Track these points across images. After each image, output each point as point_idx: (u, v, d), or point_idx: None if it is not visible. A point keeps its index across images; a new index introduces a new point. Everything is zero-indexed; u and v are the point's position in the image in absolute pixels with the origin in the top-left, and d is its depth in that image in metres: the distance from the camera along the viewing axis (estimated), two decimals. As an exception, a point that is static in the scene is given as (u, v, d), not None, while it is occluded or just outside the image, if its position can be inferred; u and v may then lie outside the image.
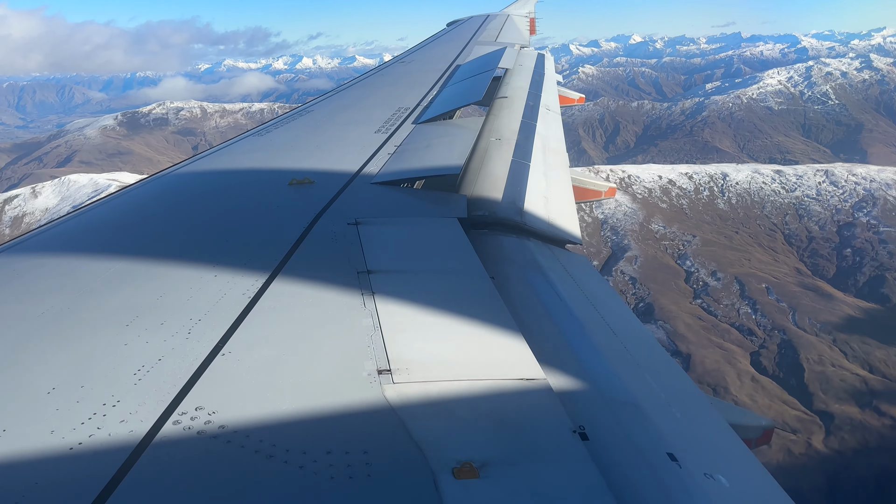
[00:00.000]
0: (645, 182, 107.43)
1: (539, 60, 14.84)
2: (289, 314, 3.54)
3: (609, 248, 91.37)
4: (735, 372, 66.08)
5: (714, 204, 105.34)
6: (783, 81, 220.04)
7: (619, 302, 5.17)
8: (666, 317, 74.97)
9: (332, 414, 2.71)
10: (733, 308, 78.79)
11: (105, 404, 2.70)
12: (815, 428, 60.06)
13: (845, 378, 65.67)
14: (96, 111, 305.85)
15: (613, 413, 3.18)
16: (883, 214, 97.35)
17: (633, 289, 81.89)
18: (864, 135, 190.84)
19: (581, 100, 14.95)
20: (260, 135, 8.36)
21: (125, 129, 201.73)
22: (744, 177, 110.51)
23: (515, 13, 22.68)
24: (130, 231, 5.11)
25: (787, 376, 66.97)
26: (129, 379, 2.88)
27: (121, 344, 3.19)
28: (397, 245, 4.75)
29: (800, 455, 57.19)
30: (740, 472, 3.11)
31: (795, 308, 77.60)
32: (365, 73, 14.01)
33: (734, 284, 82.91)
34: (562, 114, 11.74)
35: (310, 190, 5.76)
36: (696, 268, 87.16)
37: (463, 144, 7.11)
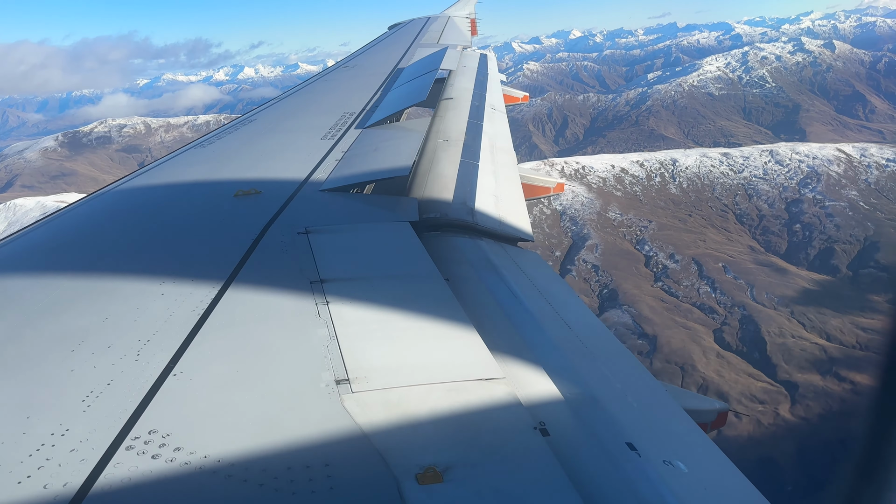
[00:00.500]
0: (598, 172, 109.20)
1: (482, 60, 15.04)
2: (241, 329, 3.48)
3: (570, 238, 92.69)
4: (700, 350, 67.73)
5: (666, 189, 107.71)
6: (721, 68, 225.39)
7: (573, 295, 5.27)
8: (630, 301, 76.46)
9: (291, 429, 2.66)
10: (693, 288, 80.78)
11: (53, 434, 2.59)
12: (780, 398, 61.97)
13: (805, 348, 67.96)
14: (34, 133, 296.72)
15: (572, 407, 3.21)
16: (827, 189, 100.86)
17: (597, 276, 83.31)
18: (802, 115, 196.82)
19: (525, 98, 15.10)
20: (202, 146, 8.18)
21: (67, 150, 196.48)
22: (692, 161, 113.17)
23: (456, 14, 22.89)
24: (71, 252, 4.94)
25: (751, 350, 68.94)
26: (77, 406, 2.78)
27: (66, 370, 3.07)
28: (350, 252, 4.71)
29: (769, 425, 58.99)
30: (698, 456, 3.17)
31: (752, 284, 80.00)
32: (308, 79, 14.00)
33: (692, 265, 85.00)
34: (510, 110, 12.14)
35: (257, 200, 5.66)
36: (655, 252, 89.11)
37: (410, 146, 7.17)
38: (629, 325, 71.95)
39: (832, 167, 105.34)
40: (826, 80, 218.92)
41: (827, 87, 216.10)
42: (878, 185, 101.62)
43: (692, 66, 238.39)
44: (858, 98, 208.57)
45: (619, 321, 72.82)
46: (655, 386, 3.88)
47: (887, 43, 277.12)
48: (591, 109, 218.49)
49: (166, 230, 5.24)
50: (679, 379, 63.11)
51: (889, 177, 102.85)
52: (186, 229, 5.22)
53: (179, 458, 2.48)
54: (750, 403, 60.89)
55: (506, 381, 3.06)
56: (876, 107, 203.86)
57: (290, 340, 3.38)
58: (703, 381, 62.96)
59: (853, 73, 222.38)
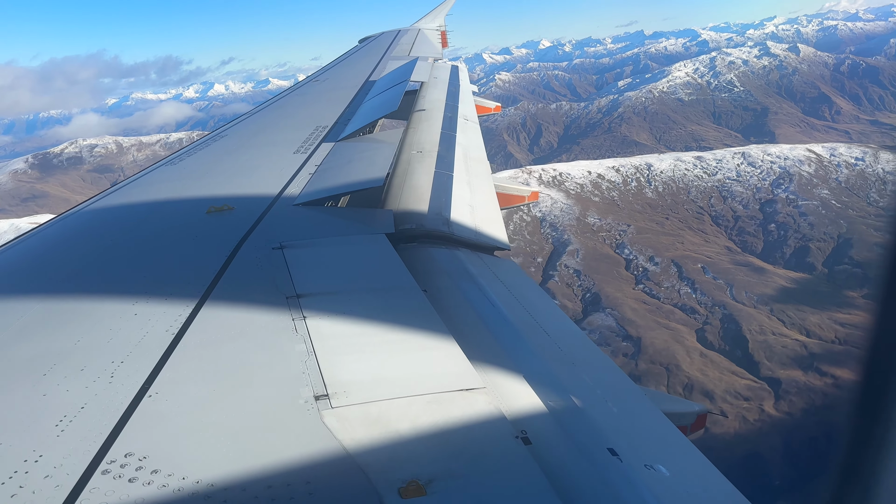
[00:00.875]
0: (576, 178, 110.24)
1: (454, 72, 15.09)
2: (217, 347, 3.44)
3: (550, 244, 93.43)
4: (684, 350, 68.52)
5: (643, 193, 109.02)
6: (690, 73, 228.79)
7: (550, 303, 5.31)
8: (613, 304, 77.21)
9: (271, 447, 2.64)
10: (674, 289, 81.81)
11: (26, 461, 2.53)
12: (764, 394, 62.89)
13: (786, 345, 69.07)
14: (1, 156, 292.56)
15: (554, 414, 3.19)
16: (800, 189, 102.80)
17: (579, 280, 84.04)
18: (771, 117, 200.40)
19: (497, 108, 15.10)
20: (173, 164, 8.10)
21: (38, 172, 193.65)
22: (667, 165, 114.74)
23: (426, 27, 22.90)
24: (41, 274, 4.89)
25: (733, 348, 69.93)
26: (50, 431, 2.72)
27: (39, 395, 3.02)
28: (326, 266, 4.68)
29: (755, 421, 59.84)
30: (678, 459, 3.18)
31: (732, 284, 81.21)
32: (279, 94, 13.93)
33: (672, 267, 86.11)
34: (484, 120, 12.33)
35: (229, 217, 5.60)
36: (635, 255, 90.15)
37: (384, 157, 7.13)
38: (613, 327, 72.67)
39: (803, 167, 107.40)
40: (792, 82, 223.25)
41: (793, 90, 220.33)
42: (849, 183, 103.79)
43: (661, 72, 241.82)
44: (824, 100, 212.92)
45: (603, 324, 73.55)
46: (635, 391, 3.91)
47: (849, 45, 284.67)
48: (564, 117, 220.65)
49: (138, 249, 5.17)
50: (665, 379, 63.91)
51: (858, 175, 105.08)
52: (158, 248, 5.16)
53: (157, 480, 2.45)
54: (735, 401, 61.78)
55: (486, 391, 3.06)
56: (841, 108, 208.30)
57: (267, 357, 3.34)
58: (689, 381, 63.75)
59: (818, 76, 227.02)
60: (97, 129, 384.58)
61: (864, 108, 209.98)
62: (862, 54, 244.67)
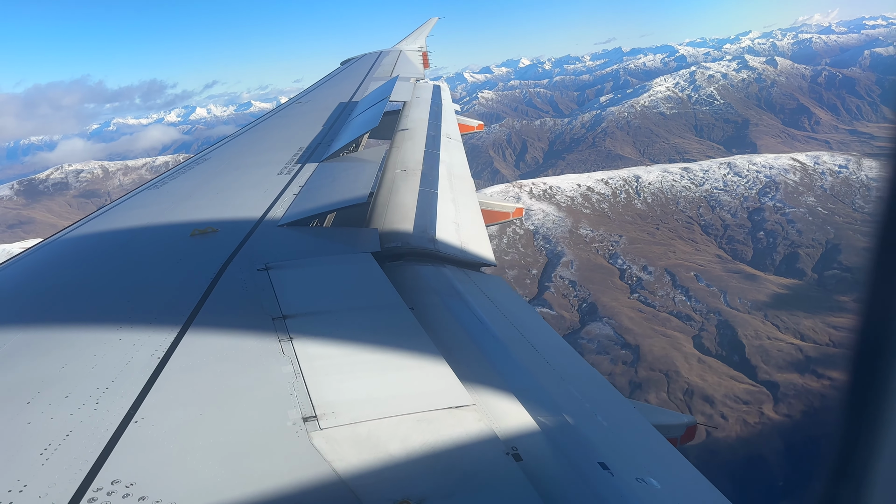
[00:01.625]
0: (566, 191, 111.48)
1: (435, 92, 15.20)
2: (203, 371, 3.42)
3: (545, 256, 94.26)
4: (682, 356, 69.29)
5: (632, 205, 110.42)
6: (671, 87, 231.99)
7: (537, 318, 5.28)
8: (609, 313, 77.98)
9: (259, 471, 2.62)
10: (669, 297, 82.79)
11: (10, 491, 2.50)
12: (763, 397, 63.68)
13: (782, 348, 70.07)
14: None
15: (544, 430, 3.18)
16: (786, 197, 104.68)
17: (574, 291, 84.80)
18: (752, 129, 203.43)
19: (480, 126, 15.04)
20: (156, 187, 8.03)
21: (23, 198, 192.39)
22: (655, 177, 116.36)
23: (408, 48, 23.15)
24: (25, 300, 4.84)
25: (730, 353, 70.82)
26: (35, 460, 2.69)
27: (23, 423, 2.98)
28: (312, 286, 4.65)
29: (755, 424, 60.55)
30: (669, 471, 3.20)
31: (725, 290, 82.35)
32: (262, 116, 13.91)
33: (665, 276, 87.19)
34: (470, 137, 12.74)
35: (214, 239, 5.58)
36: (628, 265, 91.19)
37: (367, 174, 7.19)
38: (611, 336, 73.37)
39: (788, 176, 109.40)
40: (771, 94, 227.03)
41: (773, 102, 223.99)
42: (834, 190, 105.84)
43: (642, 87, 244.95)
44: (803, 111, 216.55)
45: (601, 333, 74.24)
46: (625, 404, 3.92)
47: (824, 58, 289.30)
48: (549, 133, 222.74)
49: (121, 274, 5.12)
50: (665, 385, 64.59)
51: (843, 182, 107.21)
52: (143, 272, 5.11)
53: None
54: (734, 405, 62.53)
55: (476, 408, 3.06)
56: (820, 118, 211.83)
57: (254, 379, 3.33)
58: (689, 386, 64.45)
59: (796, 87, 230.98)
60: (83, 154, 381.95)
61: (843, 118, 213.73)
62: (837, 66, 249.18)
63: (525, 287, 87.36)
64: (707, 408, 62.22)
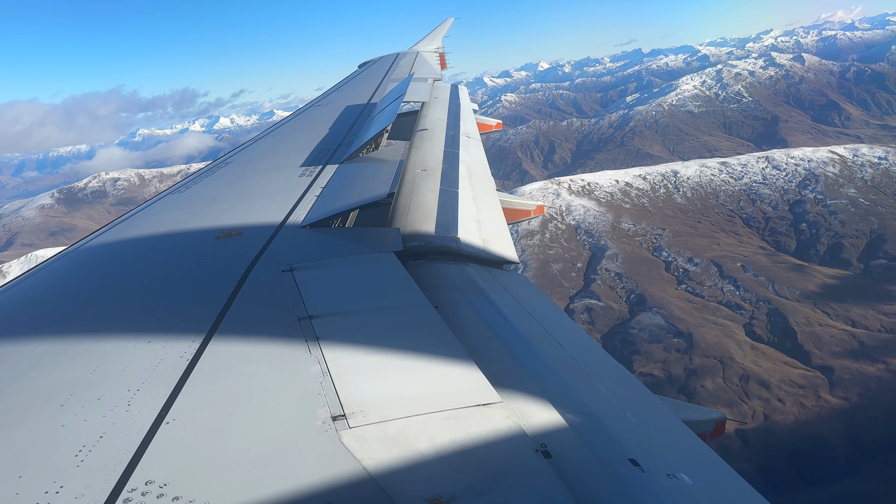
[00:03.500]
0: (604, 187, 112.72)
1: (454, 91, 15.15)
2: (231, 372, 3.46)
3: (588, 249, 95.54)
4: (735, 343, 70.19)
5: (672, 199, 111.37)
6: (697, 86, 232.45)
7: (562, 315, 5.26)
8: (659, 304, 79.01)
9: (290, 469, 2.65)
10: (717, 287, 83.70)
11: (47, 492, 2.55)
12: (819, 381, 64.48)
13: (834, 335, 70.81)
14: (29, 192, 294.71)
15: (572, 427, 3.17)
16: (826, 188, 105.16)
17: (621, 283, 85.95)
18: (782, 125, 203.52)
19: (499, 125, 14.99)
20: (180, 192, 8.07)
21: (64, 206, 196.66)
22: (693, 172, 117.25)
23: (425, 49, 22.99)
24: (54, 305, 4.88)
25: (782, 340, 71.66)
26: (70, 462, 2.73)
27: (57, 426, 3.02)
28: (336, 286, 4.68)
29: (812, 407, 61.35)
30: (700, 467, 3.18)
31: (773, 280, 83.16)
32: (281, 120, 13.87)
33: (712, 267, 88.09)
34: (497, 139, 13.75)
35: (238, 241, 5.61)
36: (673, 257, 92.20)
37: (387, 172, 7.17)
38: (662, 325, 74.37)
39: (828, 168, 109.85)
40: (800, 91, 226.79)
41: (801, 98, 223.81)
42: (875, 181, 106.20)
43: (669, 86, 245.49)
44: (833, 106, 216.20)
45: (651, 322, 75.28)
46: (653, 400, 3.91)
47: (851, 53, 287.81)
48: (576, 134, 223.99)
49: (149, 277, 5.17)
50: (720, 372, 65.52)
51: (883, 174, 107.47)
52: (169, 275, 5.17)
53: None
54: (791, 389, 63.36)
55: (504, 406, 3.07)
56: (851, 114, 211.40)
57: (282, 379, 3.36)
58: (744, 372, 65.31)
59: (825, 83, 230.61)
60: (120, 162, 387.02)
61: (874, 112, 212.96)
62: (865, 61, 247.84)
63: (571, 280, 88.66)
64: (764, 392, 63.11)
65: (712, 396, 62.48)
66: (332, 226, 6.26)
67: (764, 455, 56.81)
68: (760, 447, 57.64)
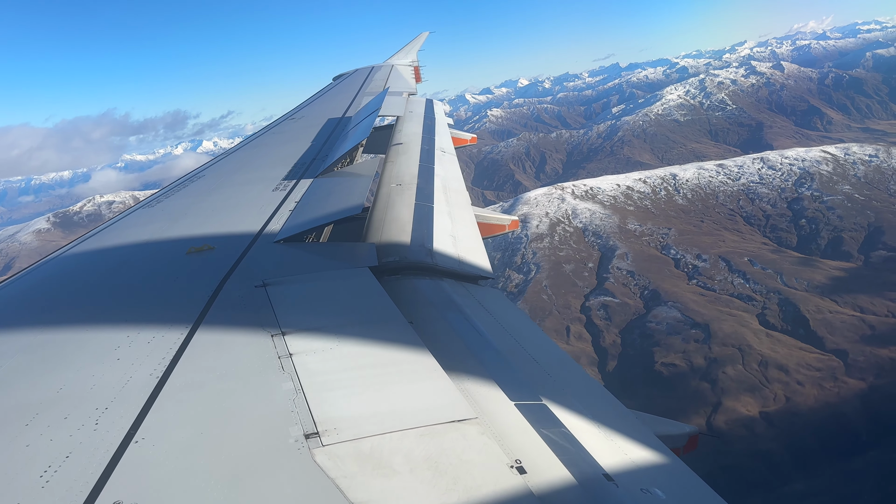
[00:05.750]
0: (606, 191, 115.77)
1: (428, 106, 15.02)
2: (202, 390, 3.40)
3: (598, 250, 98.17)
4: (751, 332, 72.75)
5: (673, 201, 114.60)
6: (682, 95, 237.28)
7: (537, 330, 5.27)
8: (673, 298, 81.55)
9: (262, 490, 2.62)
10: (727, 281, 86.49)
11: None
12: (835, 364, 67.18)
13: (845, 321, 73.66)
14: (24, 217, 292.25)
15: (547, 442, 3.17)
16: (822, 186, 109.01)
17: (634, 280, 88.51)
18: (766, 131, 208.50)
19: (473, 140, 14.77)
20: (150, 206, 7.93)
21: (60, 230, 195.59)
22: (691, 175, 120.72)
23: (399, 63, 22.88)
24: (19, 321, 4.77)
25: (795, 328, 74.37)
26: (35, 482, 2.67)
27: (22, 446, 2.96)
28: (310, 302, 4.61)
29: (831, 388, 63.94)
30: (674, 482, 3.22)
31: (781, 272, 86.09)
32: (254, 134, 13.77)
33: (720, 262, 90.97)
34: (489, 151, 14.56)
35: (210, 256, 5.55)
36: (682, 254, 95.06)
37: (362, 186, 7.14)
38: (679, 318, 76.80)
39: (821, 167, 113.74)
40: (782, 97, 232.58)
41: (784, 104, 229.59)
42: (867, 178, 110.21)
43: (654, 96, 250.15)
44: (815, 112, 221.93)
45: (668, 316, 77.69)
46: (627, 414, 3.90)
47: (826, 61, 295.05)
48: (566, 144, 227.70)
49: (117, 294, 5.07)
50: (739, 358, 67.94)
51: (875, 170, 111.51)
52: (139, 291, 5.07)
53: None
54: (808, 372, 65.93)
55: (479, 422, 3.06)
56: (832, 118, 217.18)
57: (254, 397, 3.31)
58: (762, 358, 67.78)
59: (805, 90, 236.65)
60: (116, 184, 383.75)
61: (854, 117, 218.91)
62: (841, 68, 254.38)
63: (584, 279, 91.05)
64: (782, 376, 65.60)
65: (735, 382, 65.01)
66: (306, 241, 6.20)
67: (789, 434, 59.25)
68: (785, 427, 60.03)
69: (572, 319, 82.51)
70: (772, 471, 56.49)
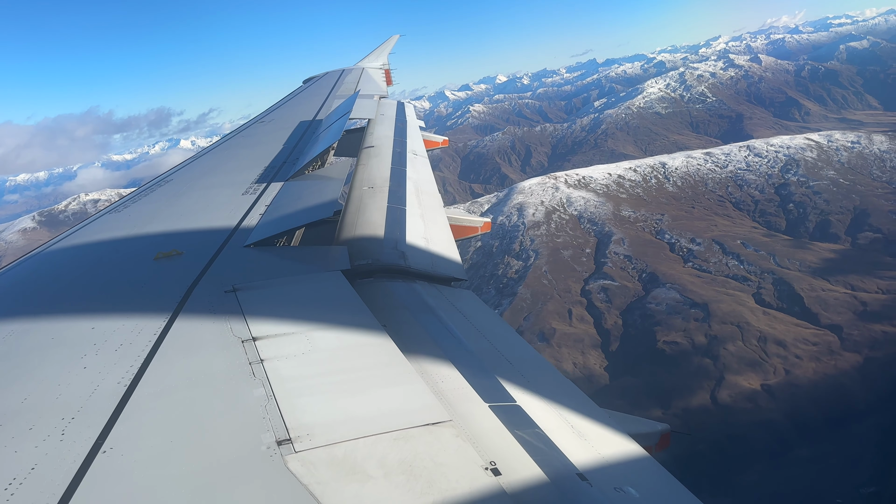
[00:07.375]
0: (599, 180, 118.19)
1: (400, 109, 15.03)
2: (172, 397, 3.34)
3: (594, 237, 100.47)
4: (748, 311, 75.23)
5: (664, 188, 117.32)
6: (663, 89, 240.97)
7: (510, 331, 5.26)
8: (671, 280, 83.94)
9: (233, 498, 2.60)
10: (722, 263, 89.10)
11: None
12: (830, 339, 69.84)
13: (838, 298, 76.46)
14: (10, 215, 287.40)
15: (521, 442, 3.21)
16: (807, 171, 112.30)
17: (632, 264, 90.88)
18: (746, 122, 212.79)
19: (445, 142, 14.67)
20: (118, 211, 7.80)
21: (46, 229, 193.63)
22: (680, 163, 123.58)
23: (370, 66, 22.77)
24: None
25: (790, 305, 77.01)
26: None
27: None
28: (282, 306, 4.55)
29: (827, 360, 66.60)
30: (647, 480, 3.27)
31: (773, 254, 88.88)
32: (224, 137, 13.61)
33: (714, 245, 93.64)
34: (475, 145, 16.01)
35: (179, 262, 5.46)
36: (676, 238, 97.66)
37: (333, 190, 7.04)
38: (678, 299, 79.12)
39: (806, 154, 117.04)
40: (760, 89, 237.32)
41: (762, 96, 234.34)
42: (850, 163, 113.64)
43: (635, 90, 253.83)
44: (793, 103, 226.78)
45: (667, 297, 79.98)
46: (600, 414, 3.91)
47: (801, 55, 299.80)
48: (550, 138, 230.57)
49: (83, 301, 4.96)
50: (739, 335, 70.30)
51: (857, 156, 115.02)
52: (105, 298, 4.96)
53: None
54: (805, 346, 68.50)
55: (453, 424, 3.04)
56: (810, 109, 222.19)
57: (225, 404, 3.26)
58: (761, 334, 70.22)
59: (782, 82, 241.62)
60: (102, 182, 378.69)
61: (831, 107, 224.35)
62: (816, 61, 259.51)
63: (582, 264, 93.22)
64: (781, 350, 68.07)
65: (736, 358, 67.35)
66: (277, 244, 6.15)
67: (790, 405, 61.65)
68: (786, 399, 62.43)
69: (573, 303, 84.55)
70: (776, 439, 58.80)
